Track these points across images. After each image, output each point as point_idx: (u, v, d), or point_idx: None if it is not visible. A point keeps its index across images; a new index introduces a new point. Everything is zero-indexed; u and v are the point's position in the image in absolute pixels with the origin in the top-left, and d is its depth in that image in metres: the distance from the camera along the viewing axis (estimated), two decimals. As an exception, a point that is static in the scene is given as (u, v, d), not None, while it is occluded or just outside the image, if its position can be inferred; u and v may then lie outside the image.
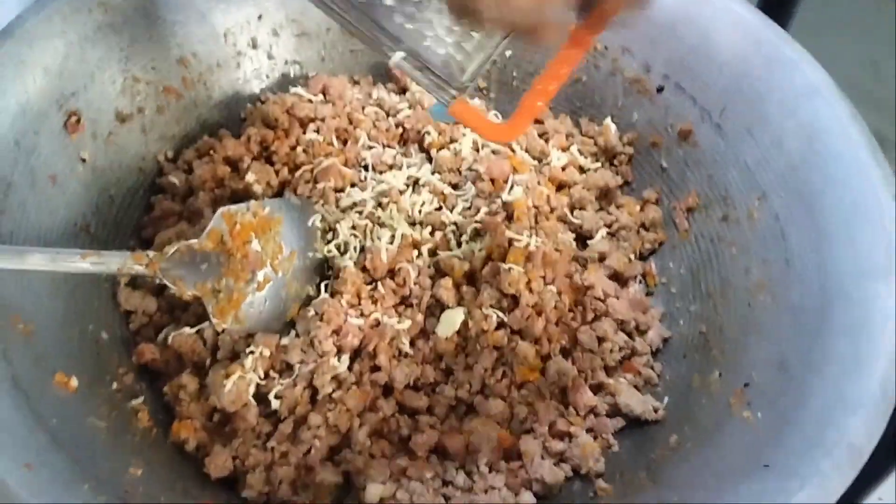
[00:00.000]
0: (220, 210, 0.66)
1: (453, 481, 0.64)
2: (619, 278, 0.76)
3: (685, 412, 0.66)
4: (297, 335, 0.69)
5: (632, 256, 0.78)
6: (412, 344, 0.69)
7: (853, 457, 0.51)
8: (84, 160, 0.71)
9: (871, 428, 0.52)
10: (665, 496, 0.58)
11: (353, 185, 0.78)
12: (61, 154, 0.69)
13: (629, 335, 0.73)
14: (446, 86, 0.55)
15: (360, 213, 0.75)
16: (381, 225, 0.74)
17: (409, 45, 0.54)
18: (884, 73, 1.61)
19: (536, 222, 0.76)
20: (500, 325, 0.70)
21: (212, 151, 0.79)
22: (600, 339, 0.71)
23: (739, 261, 0.71)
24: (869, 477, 0.66)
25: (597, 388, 0.70)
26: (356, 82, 0.88)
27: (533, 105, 0.57)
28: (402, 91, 0.87)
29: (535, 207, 0.76)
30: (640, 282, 0.77)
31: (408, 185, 0.78)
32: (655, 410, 0.67)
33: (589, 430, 0.67)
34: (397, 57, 0.54)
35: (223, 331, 0.67)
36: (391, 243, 0.72)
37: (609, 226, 0.79)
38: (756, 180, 0.71)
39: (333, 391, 0.65)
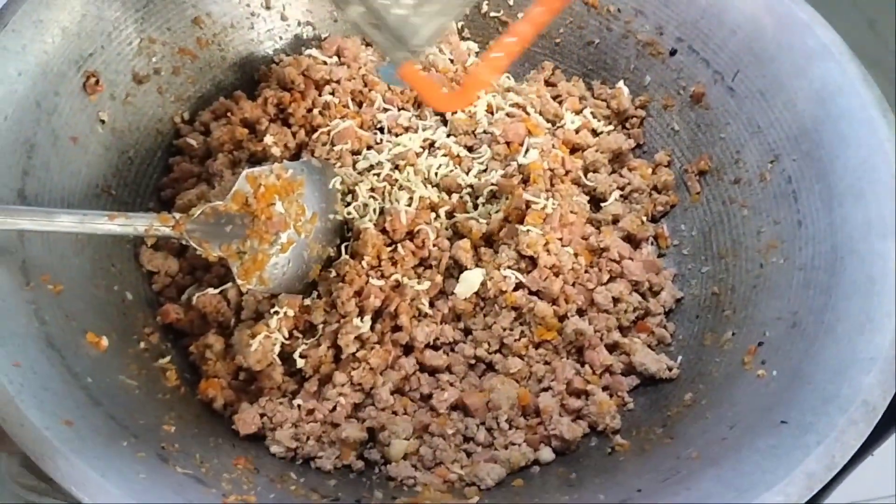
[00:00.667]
0: (245, 172, 0.66)
1: (474, 437, 0.66)
2: (632, 240, 0.77)
3: (699, 370, 0.68)
4: (320, 296, 0.70)
5: (644, 219, 0.79)
6: (432, 304, 0.71)
7: (868, 413, 0.53)
8: (103, 121, 0.72)
9: (884, 385, 0.54)
10: (682, 451, 0.59)
11: (369, 148, 0.79)
12: (81, 115, 0.70)
13: (643, 296, 0.74)
14: (400, 46, 0.54)
15: (378, 175, 0.76)
16: (399, 187, 0.75)
17: (368, 1, 0.53)
18: (881, 32, 1.62)
19: (552, 185, 0.77)
20: (518, 285, 0.71)
21: (229, 113, 0.79)
22: (615, 300, 0.72)
23: (751, 222, 0.72)
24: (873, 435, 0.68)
25: (612, 348, 0.71)
26: (369, 44, 0.88)
27: (481, 78, 0.57)
28: (416, 53, 0.87)
29: (551, 170, 0.77)
30: (653, 244, 0.79)
31: (424, 148, 0.79)
32: (669, 369, 0.69)
33: (605, 388, 0.69)
34: (353, 11, 0.53)
35: (247, 291, 0.68)
36: (409, 205, 0.73)
37: (622, 188, 0.80)
38: (768, 142, 0.72)
39: (356, 350, 0.67)
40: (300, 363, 0.66)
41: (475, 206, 0.76)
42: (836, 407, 0.53)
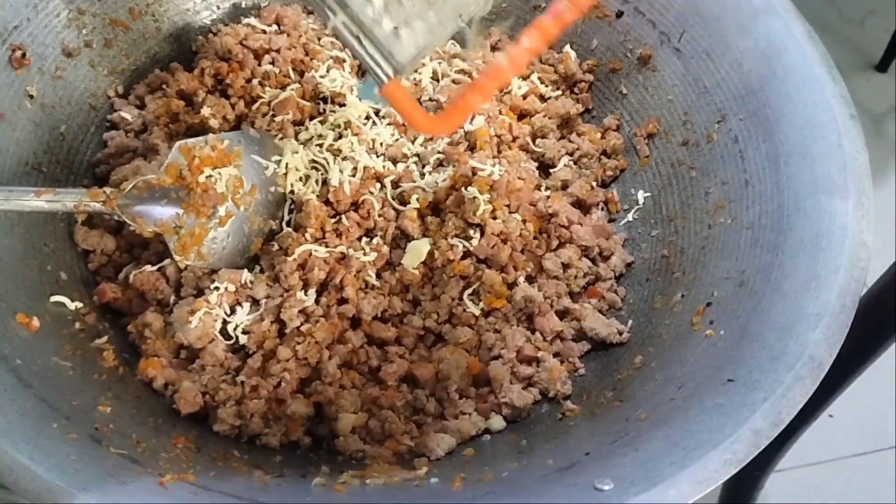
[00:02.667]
0: (178, 144, 0.64)
1: (424, 408, 0.65)
2: (581, 205, 0.76)
3: (649, 333, 0.67)
4: (262, 270, 0.68)
5: (594, 184, 0.78)
6: (378, 276, 0.69)
7: (814, 369, 0.52)
8: (32, 97, 0.69)
9: (830, 341, 0.53)
10: (631, 413, 0.59)
11: (311, 118, 0.77)
12: (7, 90, 0.67)
13: (593, 261, 0.74)
14: (384, 62, 0.50)
15: (321, 146, 0.74)
16: (343, 158, 0.73)
17: (354, 11, 0.49)
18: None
19: (499, 152, 0.76)
20: (466, 254, 0.70)
21: (164, 86, 0.77)
22: (565, 266, 0.72)
23: (699, 183, 0.72)
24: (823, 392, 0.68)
25: (562, 314, 0.70)
26: (310, 12, 0.86)
27: (470, 103, 0.53)
28: (359, 21, 0.85)
29: (498, 137, 0.76)
30: (603, 209, 0.78)
31: (368, 118, 0.77)
32: (620, 333, 0.69)
33: (556, 355, 0.68)
34: (336, 20, 0.49)
35: (186, 268, 0.66)
36: (353, 176, 0.72)
37: (571, 154, 0.79)
38: (715, 103, 0.72)
39: (301, 324, 0.65)
40: (243, 339, 0.65)
41: (422, 175, 0.75)
42: (783, 364, 0.53)
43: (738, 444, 0.49)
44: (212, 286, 0.65)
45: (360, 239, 0.70)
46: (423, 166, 0.75)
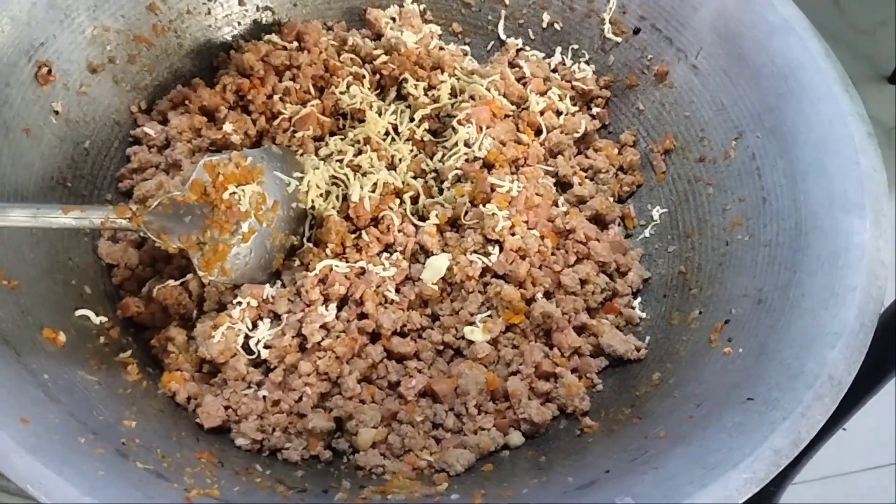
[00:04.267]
0: (202, 161, 0.65)
1: (443, 423, 0.65)
2: (598, 221, 0.77)
3: (667, 350, 0.68)
4: (284, 285, 0.69)
5: (611, 199, 0.78)
6: (398, 290, 0.70)
7: (833, 388, 0.53)
8: (57, 112, 0.70)
9: (849, 359, 0.54)
10: (650, 430, 0.59)
11: (332, 134, 0.77)
12: (33, 106, 0.68)
13: (610, 277, 0.74)
14: None
15: (341, 161, 0.75)
16: (363, 174, 0.74)
17: None
18: (844, 8, 1.63)
19: (517, 168, 0.76)
20: (485, 270, 0.71)
21: (186, 101, 0.78)
22: (582, 282, 0.72)
23: (716, 200, 0.72)
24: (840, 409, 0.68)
25: (580, 330, 0.71)
26: (329, 28, 0.87)
27: None
28: (378, 37, 0.86)
29: (513, 162, 0.77)
30: (620, 224, 0.79)
31: (387, 133, 0.78)
32: (637, 349, 0.69)
33: (573, 371, 0.69)
34: None
35: (209, 283, 0.67)
36: (373, 191, 0.72)
37: (587, 169, 0.80)
38: (732, 120, 0.72)
39: (322, 339, 0.66)
40: (264, 354, 0.65)
41: (440, 191, 0.75)
42: (801, 382, 0.53)
43: (758, 464, 0.50)
44: (234, 301, 0.66)
45: (379, 254, 0.71)
46: (442, 182, 0.76)
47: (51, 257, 0.65)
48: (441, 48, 0.86)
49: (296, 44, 0.82)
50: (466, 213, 0.73)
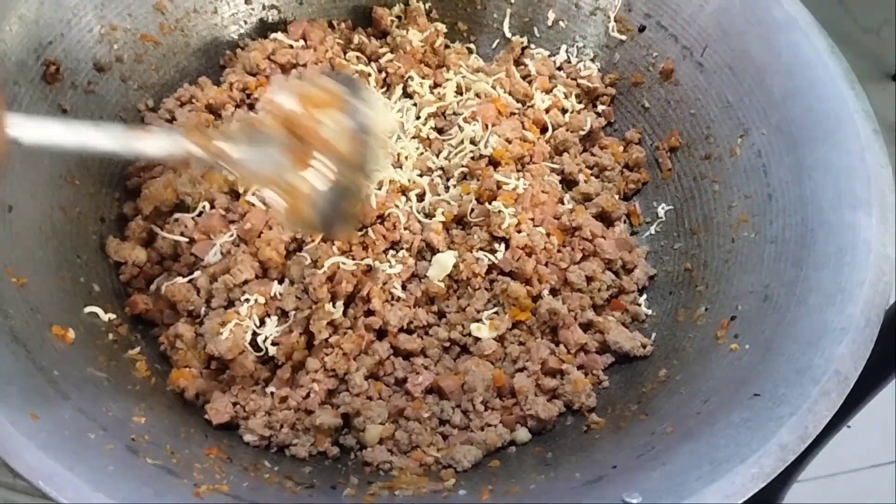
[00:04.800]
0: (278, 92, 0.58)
1: (450, 420, 0.65)
2: (604, 218, 0.77)
3: (673, 346, 0.68)
4: (291, 282, 0.69)
5: (616, 197, 0.79)
6: (404, 288, 0.70)
7: (840, 384, 0.53)
8: (65, 110, 0.70)
9: (856, 355, 0.54)
10: (657, 426, 0.59)
11: (338, 132, 0.77)
12: (42, 104, 0.68)
13: (616, 274, 0.74)
14: None
15: (347, 159, 0.75)
16: (369, 171, 0.74)
17: None
18: (849, 6, 1.63)
19: (523, 166, 0.77)
20: (491, 267, 0.71)
21: (193, 99, 0.78)
22: (589, 279, 0.72)
23: (722, 197, 0.72)
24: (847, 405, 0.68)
25: (586, 326, 0.71)
26: (335, 26, 0.87)
27: None
28: (383, 35, 0.86)
29: (519, 159, 0.77)
30: (626, 221, 0.79)
31: (393, 131, 0.78)
32: (643, 346, 0.69)
33: (580, 367, 0.69)
34: None
35: (217, 280, 0.66)
36: (379, 189, 0.73)
37: (593, 167, 0.80)
38: (738, 117, 0.72)
39: (329, 336, 0.66)
40: (272, 350, 0.66)
41: (446, 189, 0.76)
42: (808, 378, 0.53)
43: (765, 459, 0.50)
44: (242, 298, 0.66)
45: (386, 251, 0.71)
46: (448, 179, 0.76)
47: (59, 255, 0.65)
48: (446, 46, 0.86)
49: (301, 42, 0.82)
50: (472, 210, 0.73)
